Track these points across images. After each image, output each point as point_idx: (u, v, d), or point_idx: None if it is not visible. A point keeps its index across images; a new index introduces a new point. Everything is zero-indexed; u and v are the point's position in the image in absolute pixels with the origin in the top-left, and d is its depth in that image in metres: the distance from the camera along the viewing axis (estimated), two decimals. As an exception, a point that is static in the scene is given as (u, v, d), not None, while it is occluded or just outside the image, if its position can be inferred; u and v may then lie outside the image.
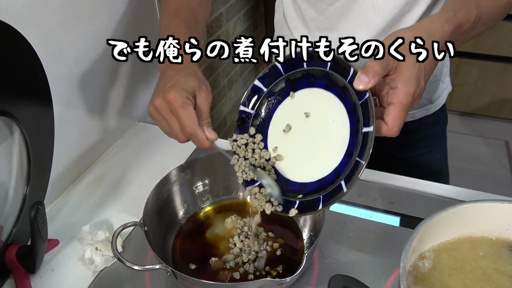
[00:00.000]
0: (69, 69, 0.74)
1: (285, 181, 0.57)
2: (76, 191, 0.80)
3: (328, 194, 0.52)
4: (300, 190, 0.55)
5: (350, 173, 0.50)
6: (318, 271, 0.63)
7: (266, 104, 0.60)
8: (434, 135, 0.89)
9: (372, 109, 0.48)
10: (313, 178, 0.55)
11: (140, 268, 0.52)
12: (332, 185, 0.52)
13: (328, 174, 0.53)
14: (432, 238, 0.57)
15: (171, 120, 0.54)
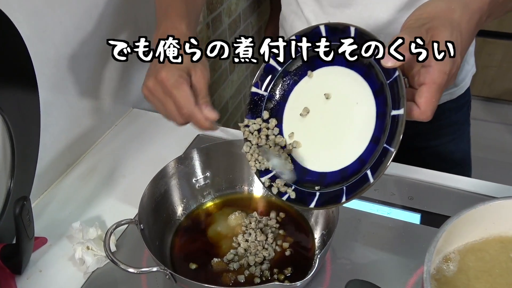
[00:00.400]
0: (56, 50, 0.73)
1: (303, 171, 0.56)
2: (64, 184, 0.79)
3: (352, 185, 0.50)
4: (320, 180, 0.54)
5: (377, 162, 0.49)
6: (331, 274, 0.62)
7: (280, 85, 0.59)
8: (458, 122, 0.88)
9: (403, 89, 0.46)
10: (335, 167, 0.54)
11: (136, 271, 0.51)
12: (357, 175, 0.51)
13: (352, 163, 0.52)
14: (457, 238, 0.56)
15: (166, 101, 0.54)
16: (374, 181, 0.48)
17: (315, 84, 0.56)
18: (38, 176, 0.67)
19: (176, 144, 0.85)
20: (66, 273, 0.64)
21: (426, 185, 0.75)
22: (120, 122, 0.94)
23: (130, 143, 0.88)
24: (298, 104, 0.58)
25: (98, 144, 0.88)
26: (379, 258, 0.64)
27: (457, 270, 0.54)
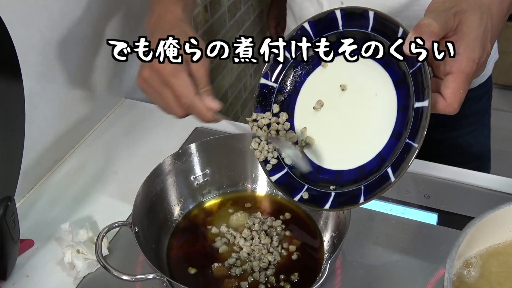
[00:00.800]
0: (41, 35, 0.72)
1: (317, 169, 0.56)
2: (52, 182, 0.78)
3: (370, 184, 0.50)
4: (335, 179, 0.54)
5: (398, 159, 0.48)
6: (341, 280, 0.61)
7: (292, 75, 0.58)
8: (478, 112, 0.87)
9: (428, 79, 0.45)
10: (352, 165, 0.53)
11: (130, 278, 0.51)
12: (376, 174, 0.50)
13: (371, 160, 0.51)
14: (479, 241, 0.55)
15: (164, 92, 0.53)
16: (396, 179, 0.47)
17: (330, 75, 0.55)
18: (23, 173, 0.66)
19: (173, 138, 0.84)
20: (55, 279, 0.63)
21: (443, 183, 0.75)
22: (111, 114, 0.93)
23: (122, 137, 0.87)
24: (311, 96, 0.57)
25: (88, 138, 0.87)
26: (393, 261, 0.63)
27: (479, 276, 0.54)
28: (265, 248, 0.62)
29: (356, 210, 0.68)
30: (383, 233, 0.67)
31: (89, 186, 0.77)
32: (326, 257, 0.62)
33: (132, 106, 0.95)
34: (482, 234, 0.54)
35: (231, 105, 1.67)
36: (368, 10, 0.50)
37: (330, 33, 0.54)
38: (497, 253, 0.55)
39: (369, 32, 0.51)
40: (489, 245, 0.56)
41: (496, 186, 0.73)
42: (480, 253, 0.55)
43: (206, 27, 1.40)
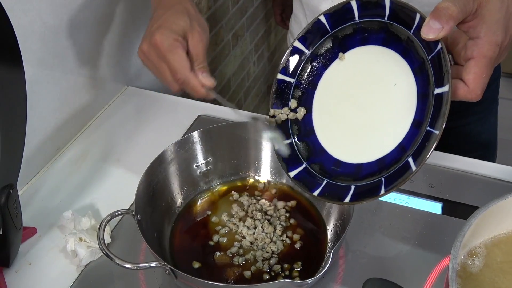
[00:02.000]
0: (42, 21, 0.71)
1: (337, 163, 0.55)
2: (54, 170, 0.78)
3: (391, 175, 0.49)
4: (355, 172, 0.53)
5: (419, 147, 0.47)
6: (345, 269, 0.61)
7: (309, 70, 0.58)
8: (486, 99, 0.86)
9: (447, 63, 0.45)
10: (371, 158, 0.52)
11: (133, 266, 0.51)
12: (397, 164, 0.49)
13: (391, 151, 0.51)
14: (484, 231, 0.55)
15: (161, 66, 0.55)
16: (417, 168, 0.47)
17: (348, 67, 0.55)
18: (25, 161, 0.66)
19: (175, 126, 0.84)
20: (58, 266, 0.64)
21: (448, 172, 0.74)
22: (114, 101, 0.92)
23: (125, 125, 0.87)
24: (329, 90, 0.57)
25: (90, 126, 0.87)
26: (397, 251, 0.63)
27: (483, 265, 0.53)
28: (268, 237, 0.61)
29: (360, 199, 0.69)
30: (387, 222, 0.67)
31: (92, 174, 0.77)
32: (329, 246, 0.61)
33: (135, 94, 0.95)
34: (487, 224, 0.53)
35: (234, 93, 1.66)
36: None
37: (346, 25, 0.54)
38: (502, 243, 0.55)
39: (386, 21, 0.50)
40: (494, 235, 0.56)
41: (501, 175, 0.73)
42: (484, 242, 0.55)
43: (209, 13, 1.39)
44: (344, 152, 0.55)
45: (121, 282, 0.62)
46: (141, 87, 0.96)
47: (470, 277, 0.52)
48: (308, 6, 0.81)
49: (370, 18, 0.51)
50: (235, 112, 0.61)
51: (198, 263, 0.60)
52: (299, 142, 0.59)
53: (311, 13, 0.80)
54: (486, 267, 0.53)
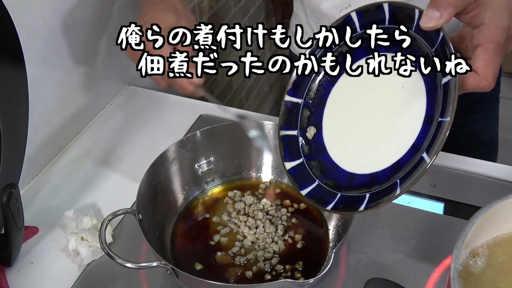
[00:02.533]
0: (44, 20, 0.71)
1: (351, 177, 0.55)
2: (56, 169, 0.78)
3: (406, 175, 0.49)
4: (370, 182, 0.53)
5: (432, 140, 0.47)
6: (346, 269, 0.61)
7: (316, 88, 0.58)
8: (488, 98, 0.86)
9: (450, 47, 0.44)
10: (386, 165, 0.52)
11: (134, 266, 0.51)
12: (411, 163, 0.49)
13: (405, 154, 0.50)
14: (486, 231, 0.55)
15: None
16: (431, 160, 0.46)
17: (354, 80, 0.54)
18: (27, 160, 0.66)
19: (177, 126, 0.84)
20: (59, 266, 0.64)
21: (450, 172, 0.74)
22: (115, 101, 0.92)
23: (126, 124, 0.87)
24: (338, 106, 0.57)
25: (92, 125, 0.87)
26: (398, 251, 0.63)
27: (485, 266, 0.53)
28: (269, 237, 0.61)
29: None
30: (388, 222, 0.67)
31: (93, 173, 0.77)
32: (331, 246, 0.61)
33: (136, 93, 0.94)
34: (489, 224, 0.53)
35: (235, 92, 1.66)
36: (382, 4, 0.49)
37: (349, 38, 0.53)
38: (504, 243, 0.55)
39: (387, 26, 0.50)
40: (496, 235, 0.55)
41: (503, 175, 0.73)
42: (487, 243, 0.55)
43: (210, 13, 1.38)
44: (357, 165, 0.55)
45: (123, 281, 0.62)
46: (142, 86, 0.96)
47: (472, 277, 0.52)
48: (309, 6, 0.81)
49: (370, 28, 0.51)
50: (221, 109, 0.62)
51: (200, 264, 0.60)
52: (311, 161, 0.58)
53: (312, 12, 0.80)
54: (488, 267, 0.53)
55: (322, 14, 0.78)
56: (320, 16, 0.78)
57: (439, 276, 0.60)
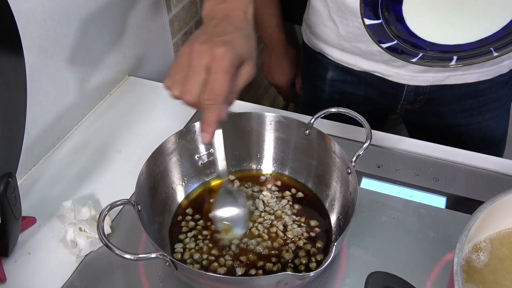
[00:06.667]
0: (43, 8, 0.70)
1: (431, 44, 0.57)
2: (54, 159, 0.78)
3: (501, 45, 0.52)
4: (454, 48, 0.55)
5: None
6: (347, 262, 0.60)
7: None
8: (503, 97, 0.86)
9: None
10: (471, 39, 0.54)
11: (133, 257, 0.50)
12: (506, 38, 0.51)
13: (494, 33, 0.53)
14: (490, 225, 0.54)
15: (198, 76, 0.49)
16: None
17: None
18: (25, 150, 0.66)
19: (177, 116, 0.83)
20: (57, 256, 0.63)
21: (452, 166, 0.73)
22: (115, 91, 0.92)
23: (126, 115, 0.86)
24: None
25: (91, 115, 0.86)
26: (400, 245, 0.63)
27: (488, 260, 0.53)
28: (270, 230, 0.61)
29: (363, 193, 0.68)
30: (390, 216, 0.66)
31: (92, 164, 0.77)
32: (332, 239, 0.61)
33: (136, 84, 0.94)
34: (493, 218, 0.53)
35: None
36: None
37: None
38: (507, 238, 0.55)
39: None
40: (499, 229, 0.55)
41: (506, 170, 0.72)
42: (490, 237, 0.55)
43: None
44: (438, 36, 0.56)
45: (121, 273, 0.61)
46: (142, 77, 0.96)
47: (475, 272, 0.52)
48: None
49: None
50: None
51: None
52: (389, 25, 0.59)
53: (335, 5, 0.78)
54: (491, 262, 0.53)
55: (347, 7, 0.76)
56: (345, 9, 0.76)
57: (441, 270, 0.59)
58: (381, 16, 0.59)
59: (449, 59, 0.56)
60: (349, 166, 0.59)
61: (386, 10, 0.60)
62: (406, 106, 0.86)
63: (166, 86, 0.52)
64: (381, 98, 0.87)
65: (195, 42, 0.50)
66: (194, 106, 0.51)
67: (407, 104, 0.86)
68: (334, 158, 0.62)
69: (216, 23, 0.53)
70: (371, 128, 0.60)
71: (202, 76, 0.49)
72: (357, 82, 0.87)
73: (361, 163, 0.68)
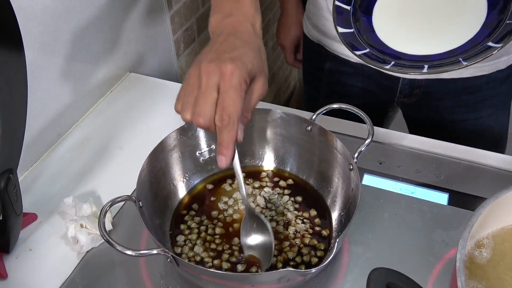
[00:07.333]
0: (43, 4, 0.70)
1: (401, 54, 0.60)
2: (55, 156, 0.78)
3: (470, 55, 0.55)
4: (424, 58, 0.58)
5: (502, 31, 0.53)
6: (349, 259, 0.60)
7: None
8: (501, 93, 0.85)
9: None
10: (439, 50, 0.57)
11: (134, 253, 0.50)
12: (475, 48, 0.55)
13: (464, 43, 0.56)
14: (492, 222, 0.54)
15: (209, 95, 0.47)
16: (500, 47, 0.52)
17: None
18: (26, 147, 0.66)
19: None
20: (58, 253, 0.63)
21: (455, 162, 0.73)
22: (116, 88, 0.91)
23: (127, 111, 0.86)
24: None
25: (92, 112, 0.86)
26: (402, 241, 0.62)
27: (491, 257, 0.53)
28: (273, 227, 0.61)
29: (365, 190, 0.68)
30: (392, 212, 0.66)
31: (93, 160, 0.76)
32: (334, 236, 0.61)
33: (137, 80, 0.93)
34: (496, 215, 0.53)
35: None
36: None
37: None
38: (510, 234, 0.55)
39: None
40: (502, 226, 0.55)
41: (508, 166, 0.72)
42: (492, 234, 0.54)
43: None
44: (407, 46, 0.59)
45: (122, 269, 0.61)
46: (143, 73, 0.95)
47: (477, 268, 0.52)
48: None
49: None
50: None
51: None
52: (361, 35, 0.62)
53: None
54: (493, 258, 0.53)
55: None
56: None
57: (443, 267, 0.59)
58: (353, 26, 0.62)
59: (421, 67, 0.58)
60: (351, 163, 0.59)
61: (357, 21, 0.63)
62: (402, 99, 0.86)
63: (177, 110, 0.49)
64: (378, 90, 0.87)
65: (203, 61, 0.48)
66: (207, 129, 0.48)
67: (403, 97, 0.86)
68: (336, 154, 0.62)
69: (223, 39, 0.51)
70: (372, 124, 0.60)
71: (213, 97, 0.47)
72: (354, 73, 0.86)
73: (363, 160, 0.67)
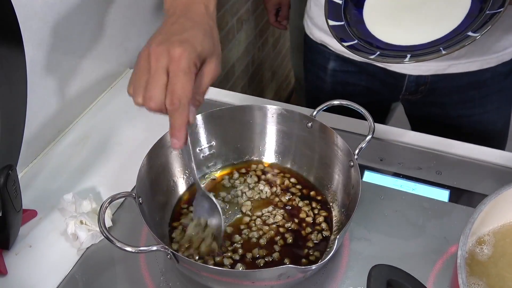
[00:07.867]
0: (43, 1, 0.70)
1: (387, 45, 0.65)
2: (55, 152, 0.78)
3: (449, 44, 0.59)
4: (408, 49, 0.62)
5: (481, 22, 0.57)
6: (349, 255, 0.60)
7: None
8: (506, 88, 0.85)
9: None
10: (424, 40, 0.62)
11: (134, 250, 0.50)
12: (454, 38, 0.59)
13: (445, 35, 0.60)
14: (494, 218, 0.54)
15: (158, 78, 0.47)
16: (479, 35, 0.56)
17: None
18: (26, 143, 0.66)
19: (178, 110, 0.83)
20: (58, 249, 0.63)
21: (456, 159, 0.73)
22: (116, 84, 0.91)
23: (126, 108, 0.86)
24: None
25: (92, 108, 0.86)
26: (402, 238, 0.62)
27: (492, 253, 0.53)
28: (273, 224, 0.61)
29: (366, 186, 0.68)
30: (392, 209, 0.66)
31: (93, 156, 0.76)
32: (334, 232, 0.60)
33: (137, 77, 0.93)
34: (497, 212, 0.53)
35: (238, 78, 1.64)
36: None
37: None
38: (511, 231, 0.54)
39: None
40: (503, 222, 0.55)
41: (509, 163, 0.72)
42: (493, 230, 0.54)
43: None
44: (395, 37, 0.64)
45: (122, 266, 0.61)
46: (144, 70, 0.95)
47: (478, 265, 0.52)
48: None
49: None
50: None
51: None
52: (351, 27, 0.66)
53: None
54: (494, 256, 0.53)
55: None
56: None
57: (444, 264, 0.59)
58: (343, 18, 0.67)
59: (403, 57, 0.63)
60: (351, 159, 0.58)
61: (348, 13, 0.67)
62: (407, 96, 0.86)
63: (129, 93, 0.49)
64: (383, 89, 0.87)
65: (152, 44, 0.48)
66: (159, 112, 0.48)
67: (408, 94, 0.85)
68: (337, 151, 0.62)
69: (173, 21, 0.51)
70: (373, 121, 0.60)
71: (163, 80, 0.47)
72: (358, 72, 0.86)
73: (364, 156, 0.67)
